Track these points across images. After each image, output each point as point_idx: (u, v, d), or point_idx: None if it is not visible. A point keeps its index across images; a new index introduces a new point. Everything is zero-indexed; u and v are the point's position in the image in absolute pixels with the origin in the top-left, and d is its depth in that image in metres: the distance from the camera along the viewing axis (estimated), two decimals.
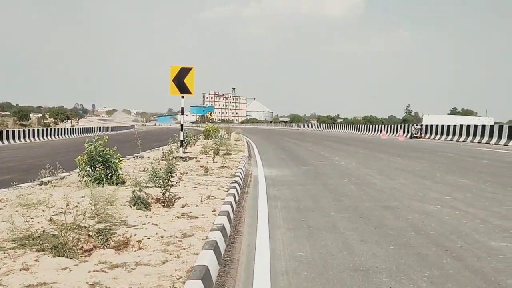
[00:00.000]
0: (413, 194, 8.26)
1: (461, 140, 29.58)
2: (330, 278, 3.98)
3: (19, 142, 31.48)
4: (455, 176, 10.86)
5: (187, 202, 6.77)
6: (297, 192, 8.62)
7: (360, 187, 9.09)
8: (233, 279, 4.01)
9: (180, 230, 5.17)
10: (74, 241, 4.40)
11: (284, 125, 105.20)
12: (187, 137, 16.53)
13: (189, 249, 4.46)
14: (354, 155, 17.80)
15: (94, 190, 6.60)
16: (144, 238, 4.78)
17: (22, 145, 29.19)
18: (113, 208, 5.93)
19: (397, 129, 40.85)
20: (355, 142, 27.66)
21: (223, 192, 7.75)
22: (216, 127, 27.45)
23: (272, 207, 7.10)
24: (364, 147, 22.75)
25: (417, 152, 19.37)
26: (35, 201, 6.45)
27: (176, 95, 12.73)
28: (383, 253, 4.70)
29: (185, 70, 12.60)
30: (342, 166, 13.29)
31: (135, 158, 13.52)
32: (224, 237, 5.03)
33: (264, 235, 5.41)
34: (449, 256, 4.61)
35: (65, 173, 9.50)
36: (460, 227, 5.80)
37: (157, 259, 4.11)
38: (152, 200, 6.64)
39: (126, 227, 5.24)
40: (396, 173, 11.57)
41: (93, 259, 4.14)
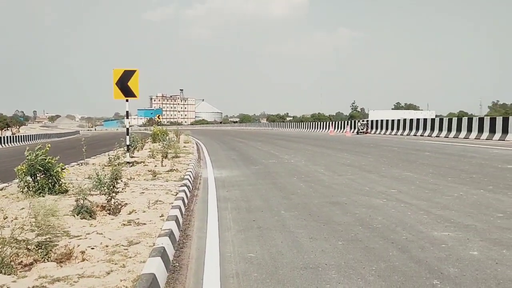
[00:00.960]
0: (360, 189, 8.44)
1: (405, 133, 30.78)
2: (280, 278, 3.97)
3: None
4: (400, 169, 11.22)
5: (134, 208, 6.59)
6: (248, 192, 8.60)
7: (309, 184, 9.20)
8: (182, 285, 3.92)
9: (126, 238, 5.01)
10: (12, 256, 4.16)
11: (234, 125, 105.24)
12: (133, 141, 16.15)
13: (136, 257, 4.33)
14: (303, 152, 18.01)
15: (34, 200, 6.30)
16: (88, 248, 4.60)
17: None
18: (55, 219, 5.65)
19: (344, 125, 41.88)
20: (304, 140, 28.05)
21: (171, 196, 7.62)
22: (164, 130, 27.04)
23: (222, 209, 7.04)
24: (313, 144, 23.10)
25: (364, 147, 19.89)
26: None
27: (120, 98, 12.39)
28: (332, 249, 4.76)
29: (129, 73, 12.28)
30: (292, 164, 13.42)
31: (79, 165, 13.04)
32: (173, 243, 4.92)
33: (214, 238, 5.35)
34: (395, 249, 4.73)
35: (3, 184, 9.02)
36: (405, 219, 5.98)
37: (101, 270, 3.95)
38: (97, 208, 6.42)
39: (69, 238, 5.03)
40: (343, 168, 11.81)
41: (33, 274, 3.94)
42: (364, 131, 35.92)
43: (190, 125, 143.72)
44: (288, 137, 32.64)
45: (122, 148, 14.47)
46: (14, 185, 8.71)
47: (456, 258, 4.38)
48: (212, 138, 36.52)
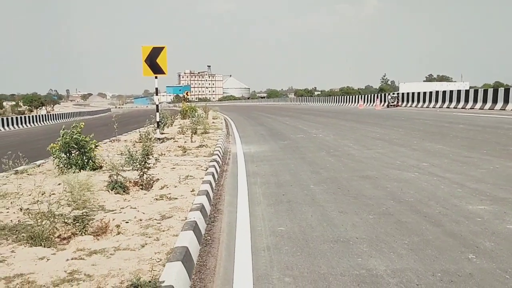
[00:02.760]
0: (391, 163, 8.33)
1: (437, 106, 29.99)
2: (311, 251, 3.99)
3: None
4: (432, 142, 10.99)
5: (166, 183, 6.70)
6: (276, 167, 8.62)
7: (338, 159, 9.14)
8: (214, 258, 3.99)
9: (159, 212, 5.11)
10: (51, 230, 4.30)
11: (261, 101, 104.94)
12: (163, 118, 16.34)
13: (169, 231, 4.41)
14: (332, 127, 17.85)
15: (70, 176, 6.48)
16: (123, 222, 4.72)
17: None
18: (90, 194, 5.83)
19: (374, 99, 41.13)
20: (333, 114, 27.75)
21: (202, 171, 7.70)
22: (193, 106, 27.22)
23: (251, 184, 7.08)
24: (342, 118, 22.85)
25: (394, 120, 19.54)
26: (9, 191, 6.31)
27: (150, 75, 12.49)
28: (363, 223, 4.74)
29: (157, 50, 12.34)
30: (320, 138, 13.33)
31: (111, 141, 13.31)
32: (204, 217, 4.99)
33: (244, 212, 5.40)
34: (428, 222, 4.67)
35: (40, 161, 9.31)
36: (438, 193, 5.88)
37: (136, 243, 4.06)
38: (130, 184, 6.55)
39: (104, 212, 5.17)
40: (373, 142, 11.66)
41: (71, 246, 4.07)
42: (395, 104, 35.20)
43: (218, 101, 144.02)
44: (316, 112, 32.36)
45: (152, 125, 14.66)
46: (50, 162, 8.97)
47: (491, 232, 4.29)
48: (240, 113, 36.57)
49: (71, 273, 3.43)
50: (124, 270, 3.45)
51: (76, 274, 3.42)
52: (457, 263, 3.58)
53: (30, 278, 3.37)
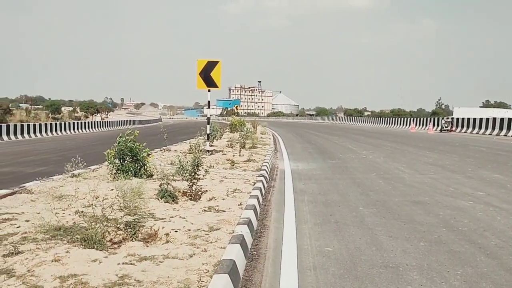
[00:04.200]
0: (444, 189, 8.07)
1: (494, 133, 28.81)
2: (358, 275, 3.91)
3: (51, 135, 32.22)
4: (488, 170, 10.56)
5: (214, 195, 6.79)
6: (324, 186, 8.54)
7: (389, 182, 8.95)
8: (260, 273, 3.99)
9: (207, 223, 5.18)
10: (104, 233, 4.45)
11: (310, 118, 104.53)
12: (213, 131, 16.59)
13: (216, 242, 4.46)
14: (382, 148, 17.54)
15: (122, 182, 6.70)
16: (172, 231, 4.81)
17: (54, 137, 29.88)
18: (141, 201, 5.99)
19: (426, 122, 40.06)
20: (383, 136, 27.25)
21: (249, 185, 7.75)
22: (242, 121, 27.48)
23: (299, 201, 7.05)
24: (392, 141, 22.40)
25: (448, 145, 18.95)
26: (66, 193, 6.59)
27: (203, 88, 12.78)
28: (413, 250, 4.60)
29: (212, 64, 12.62)
30: (370, 159, 13.12)
31: (162, 151, 13.66)
32: (251, 231, 5.01)
33: (291, 230, 5.37)
34: (483, 254, 4.48)
35: (95, 166, 9.68)
36: (494, 224, 5.64)
37: (184, 252, 4.13)
38: (179, 193, 6.69)
39: (154, 220, 5.29)
40: (426, 167, 11.34)
41: (122, 251, 4.19)
42: (448, 129, 34.09)
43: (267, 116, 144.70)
44: (366, 132, 31.88)
45: (202, 137, 14.92)
46: (104, 167, 9.31)
47: None
48: (288, 130, 36.58)
49: (122, 277, 3.53)
50: (173, 278, 3.51)
51: (126, 278, 3.51)
52: None
53: (83, 279, 3.49)
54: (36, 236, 4.56)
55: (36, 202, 6.12)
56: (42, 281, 3.44)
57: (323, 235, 5.19)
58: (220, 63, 12.67)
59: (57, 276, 3.53)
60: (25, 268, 3.67)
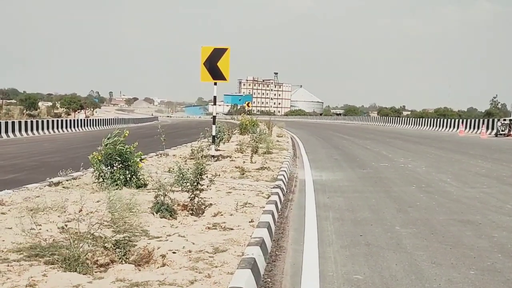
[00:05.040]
0: (499, 206, 8.05)
1: None
2: None
3: (26, 135, 32.57)
4: None
5: (220, 210, 6.83)
6: (353, 200, 8.55)
7: (432, 196, 8.94)
8: None
9: (211, 243, 5.21)
10: (88, 254, 4.50)
11: (337, 119, 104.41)
12: (220, 132, 16.65)
13: (222, 267, 4.48)
14: (425, 156, 17.50)
15: (111, 193, 6.76)
16: (169, 252, 4.85)
17: (30, 138, 30.25)
18: (133, 216, 6.04)
19: (478, 125, 39.80)
20: (425, 140, 27.15)
21: (262, 199, 7.77)
22: (254, 120, 27.55)
23: (322, 219, 7.06)
24: (437, 147, 22.34)
25: (505, 153, 18.86)
26: (44, 205, 6.66)
27: (208, 81, 12.82)
28: (462, 279, 4.59)
29: (219, 52, 12.65)
30: (409, 169, 13.09)
31: (158, 156, 13.76)
32: (264, 254, 5.03)
33: (313, 253, 5.38)
34: None
35: (78, 173, 9.77)
36: None
37: (184, 278, 4.15)
38: (178, 207, 6.74)
39: (148, 239, 5.34)
40: (477, 179, 11.31)
41: (109, 275, 4.23)
42: (506, 133, 33.82)
43: (284, 115, 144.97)
44: (405, 136, 31.79)
45: (206, 139, 14.97)
46: (88, 174, 9.40)
47: None
48: (310, 132, 36.61)
49: None
50: None
51: None
52: None
53: None
54: (8, 256, 4.63)
55: (8, 215, 6.20)
56: None
57: (351, 260, 5.19)
58: (229, 50, 12.70)
59: None
60: None
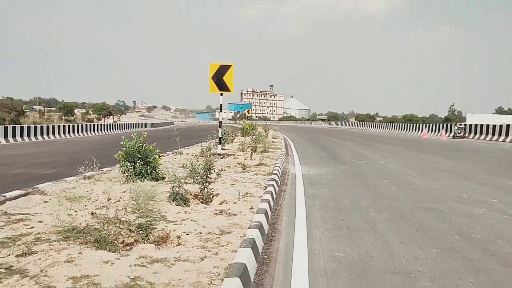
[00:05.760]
0: (457, 196, 8.00)
1: (507, 140, 28.46)
2: (370, 281, 3.89)
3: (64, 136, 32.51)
4: (502, 177, 10.45)
5: (225, 199, 6.80)
6: (336, 191, 8.51)
7: (401, 188, 8.89)
8: (271, 277, 3.99)
9: (218, 226, 5.19)
10: (116, 235, 4.49)
11: (322, 123, 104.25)
12: (225, 134, 16.63)
13: (227, 246, 4.47)
14: (395, 154, 17.45)
15: (134, 185, 6.75)
16: (183, 234, 4.84)
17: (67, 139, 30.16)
18: (153, 203, 6.04)
19: (439, 128, 39.73)
20: (395, 141, 27.09)
21: (260, 189, 7.75)
22: (253, 125, 27.52)
23: (310, 206, 7.03)
24: (405, 147, 22.28)
25: (461, 152, 18.80)
26: (78, 195, 6.65)
27: (215, 92, 12.81)
28: (426, 257, 4.57)
29: (224, 68, 12.65)
30: (382, 165, 13.05)
31: (174, 154, 13.72)
32: (262, 235, 5.01)
33: (302, 234, 5.36)
34: (496, 262, 4.43)
35: (107, 168, 9.75)
36: (508, 232, 5.58)
37: (195, 255, 4.14)
38: (190, 196, 6.71)
39: (165, 223, 5.32)
40: (438, 173, 11.26)
41: (134, 253, 4.21)
42: (461, 135, 33.76)
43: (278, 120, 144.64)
44: (378, 138, 31.71)
45: (213, 140, 14.95)
46: (116, 169, 9.39)
47: None
48: (300, 135, 36.52)
49: (134, 279, 3.55)
50: (184, 281, 3.53)
51: (138, 280, 3.53)
52: None
53: (95, 280, 3.52)
54: (49, 237, 4.61)
55: (49, 203, 6.18)
56: (55, 281, 3.48)
57: (334, 240, 5.17)
58: (233, 67, 12.70)
59: (69, 277, 3.56)
60: (38, 269, 3.71)
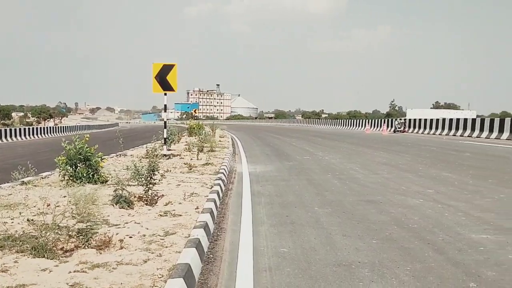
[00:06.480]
0: (396, 188, 8.33)
1: (444, 133, 29.96)
2: (313, 274, 3.99)
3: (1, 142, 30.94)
4: (438, 169, 10.97)
5: (170, 200, 6.73)
6: (281, 187, 8.63)
7: (344, 182, 9.14)
8: (216, 276, 4.00)
9: (162, 228, 5.13)
10: (54, 242, 4.33)
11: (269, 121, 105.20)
12: (171, 135, 16.43)
13: (172, 247, 4.43)
14: (338, 150, 17.90)
15: (75, 189, 6.54)
16: (126, 237, 4.74)
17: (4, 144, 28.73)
18: (95, 207, 5.87)
19: (381, 124, 41.18)
20: (339, 137, 27.81)
21: (206, 189, 7.73)
22: (200, 124, 27.36)
23: (256, 204, 7.09)
24: (348, 142, 22.89)
25: (401, 146, 19.55)
26: (15, 201, 6.36)
27: (159, 92, 12.64)
28: (366, 248, 4.73)
29: (168, 67, 12.51)
30: (326, 161, 13.35)
31: (118, 156, 13.40)
32: (207, 235, 5.00)
33: (248, 232, 5.40)
34: (431, 249, 4.66)
35: (46, 173, 9.38)
36: (442, 220, 5.86)
37: (138, 258, 4.07)
38: (134, 199, 6.59)
39: (108, 226, 5.19)
40: (379, 167, 11.66)
41: (73, 259, 4.09)
42: (402, 130, 35.20)
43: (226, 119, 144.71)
44: (323, 134, 32.43)
45: (159, 141, 14.73)
46: (56, 174, 9.04)
47: (494, 261, 4.27)
48: (247, 133, 36.68)
49: (73, 286, 3.45)
50: (126, 284, 3.46)
51: (77, 286, 3.43)
52: None
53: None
54: None
55: None
56: None
57: (279, 236, 5.24)
58: (176, 66, 12.57)
59: (4, 286, 3.41)
60: None
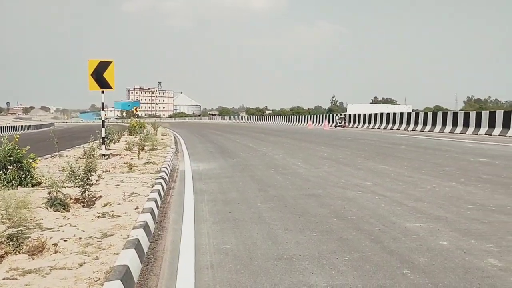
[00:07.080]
0: (336, 182, 8.55)
1: (382, 127, 31.20)
2: (254, 269, 4.01)
3: None
4: (375, 162, 11.38)
5: (109, 200, 6.54)
6: (224, 184, 8.63)
7: (286, 177, 9.27)
8: (156, 277, 3.93)
9: (100, 230, 4.98)
10: None
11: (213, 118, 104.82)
12: (109, 134, 15.98)
13: (109, 249, 4.31)
14: (282, 145, 18.12)
15: (5, 193, 6.20)
16: (61, 240, 4.55)
17: None
18: (27, 212, 5.59)
19: (322, 119, 42.20)
20: (283, 133, 28.17)
21: (147, 188, 7.58)
22: (142, 123, 26.83)
23: (198, 202, 7.04)
24: (291, 138, 23.25)
25: (341, 140, 20.11)
26: None
27: (96, 90, 12.23)
28: (306, 241, 4.83)
29: (104, 64, 12.12)
30: (269, 157, 13.49)
31: (53, 157, 12.83)
32: (148, 235, 4.91)
33: (190, 230, 5.36)
34: (368, 239, 4.82)
35: None
36: (378, 211, 6.09)
37: (74, 261, 3.93)
38: (70, 201, 6.35)
39: (41, 231, 4.97)
40: (321, 161, 11.93)
41: (3, 266, 3.88)
42: (342, 125, 36.31)
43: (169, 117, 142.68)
44: (267, 130, 32.74)
45: (97, 141, 14.28)
46: None
47: (426, 248, 4.49)
48: (191, 131, 36.36)
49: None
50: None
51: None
52: (393, 278, 3.72)
53: None
54: None
55: None
56: None
57: (221, 233, 5.24)
58: (113, 63, 12.21)
59: None
60: None
